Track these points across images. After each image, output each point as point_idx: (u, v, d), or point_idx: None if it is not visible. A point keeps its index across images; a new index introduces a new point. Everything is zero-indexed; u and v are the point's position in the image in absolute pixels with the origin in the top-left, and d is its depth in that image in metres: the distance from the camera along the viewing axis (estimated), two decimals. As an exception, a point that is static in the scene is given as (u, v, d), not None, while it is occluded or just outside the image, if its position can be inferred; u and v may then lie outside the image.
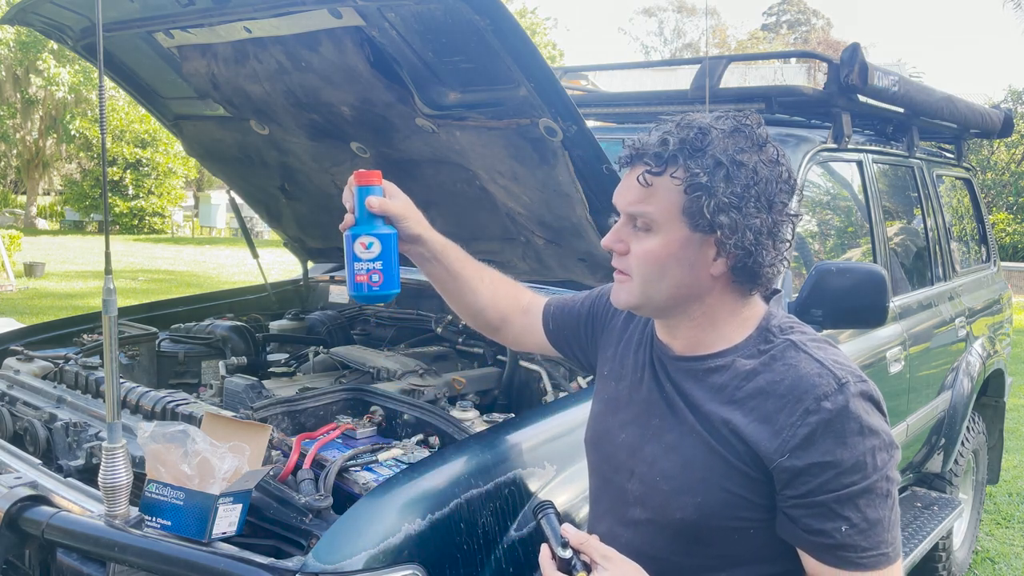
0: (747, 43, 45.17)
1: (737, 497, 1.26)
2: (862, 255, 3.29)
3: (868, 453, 1.20)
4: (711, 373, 1.31)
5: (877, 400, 1.25)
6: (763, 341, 1.30)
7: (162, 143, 26.48)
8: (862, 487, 1.20)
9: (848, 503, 1.20)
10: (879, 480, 1.21)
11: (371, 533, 1.43)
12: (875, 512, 1.21)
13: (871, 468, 1.20)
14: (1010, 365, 4.65)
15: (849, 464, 1.19)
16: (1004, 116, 4.26)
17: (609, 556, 1.23)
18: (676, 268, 1.27)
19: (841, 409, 1.21)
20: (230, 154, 3.03)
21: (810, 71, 16.98)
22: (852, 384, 1.23)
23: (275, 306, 3.45)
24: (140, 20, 2.40)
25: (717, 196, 1.22)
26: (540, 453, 1.75)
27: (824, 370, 1.24)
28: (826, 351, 1.29)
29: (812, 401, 1.21)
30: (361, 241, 1.50)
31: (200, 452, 1.56)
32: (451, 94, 2.16)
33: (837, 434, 1.20)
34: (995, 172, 18.04)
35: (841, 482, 1.19)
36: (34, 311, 10.31)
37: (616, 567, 1.22)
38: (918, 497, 3.62)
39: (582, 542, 1.23)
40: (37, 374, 2.46)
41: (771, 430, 1.23)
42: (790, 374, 1.25)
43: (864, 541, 1.20)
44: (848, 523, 1.20)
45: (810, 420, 1.21)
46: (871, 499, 1.20)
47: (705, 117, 1.30)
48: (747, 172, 1.23)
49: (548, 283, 2.68)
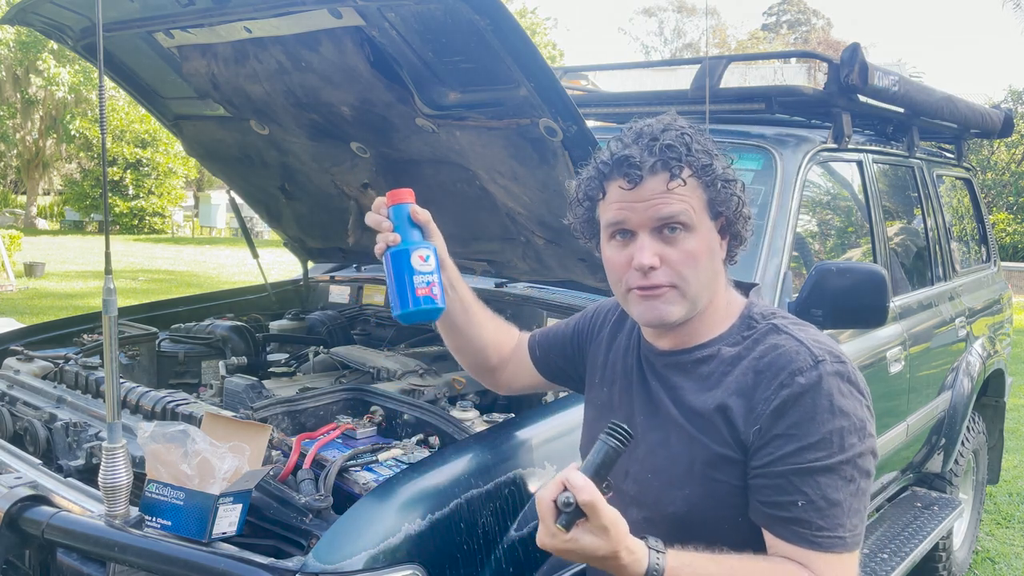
0: (747, 43, 45.16)
1: (723, 485, 1.27)
2: (862, 255, 3.29)
3: (836, 433, 1.20)
4: (699, 364, 1.34)
5: (855, 382, 1.25)
6: (746, 328, 1.34)
7: (162, 143, 26.48)
8: (824, 464, 1.20)
9: (808, 478, 1.20)
10: (844, 463, 1.20)
11: (371, 533, 1.43)
12: (835, 493, 1.19)
13: (836, 448, 1.20)
14: (1010, 365, 4.64)
15: (814, 440, 1.20)
16: (1004, 116, 4.26)
17: (607, 528, 1.11)
18: (709, 260, 1.31)
19: (813, 384, 1.22)
20: (230, 154, 3.02)
21: (810, 71, 16.98)
22: (828, 362, 1.24)
23: (275, 306, 3.45)
24: (140, 20, 2.40)
25: (723, 180, 1.29)
26: (540, 453, 1.75)
27: (802, 347, 1.26)
28: (807, 332, 1.31)
29: (787, 376, 1.24)
30: (419, 254, 1.46)
31: (200, 452, 1.56)
32: (451, 94, 2.16)
33: (806, 408, 1.21)
34: (995, 172, 18.04)
35: (804, 456, 1.20)
36: (34, 311, 10.31)
37: (607, 539, 1.12)
38: (918, 497, 3.62)
39: (588, 503, 1.10)
40: (37, 374, 2.46)
41: (748, 405, 1.25)
42: (770, 353, 1.28)
43: (820, 519, 1.20)
44: (805, 498, 1.20)
45: (782, 393, 1.23)
46: (832, 479, 1.20)
47: (658, 122, 1.35)
48: (719, 156, 1.32)
49: (548, 283, 2.68)
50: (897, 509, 3.46)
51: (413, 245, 1.47)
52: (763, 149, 2.80)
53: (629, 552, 1.14)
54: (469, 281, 2.89)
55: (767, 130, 2.97)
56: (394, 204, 1.51)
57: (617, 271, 1.34)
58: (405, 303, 1.45)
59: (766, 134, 2.90)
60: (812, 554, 1.20)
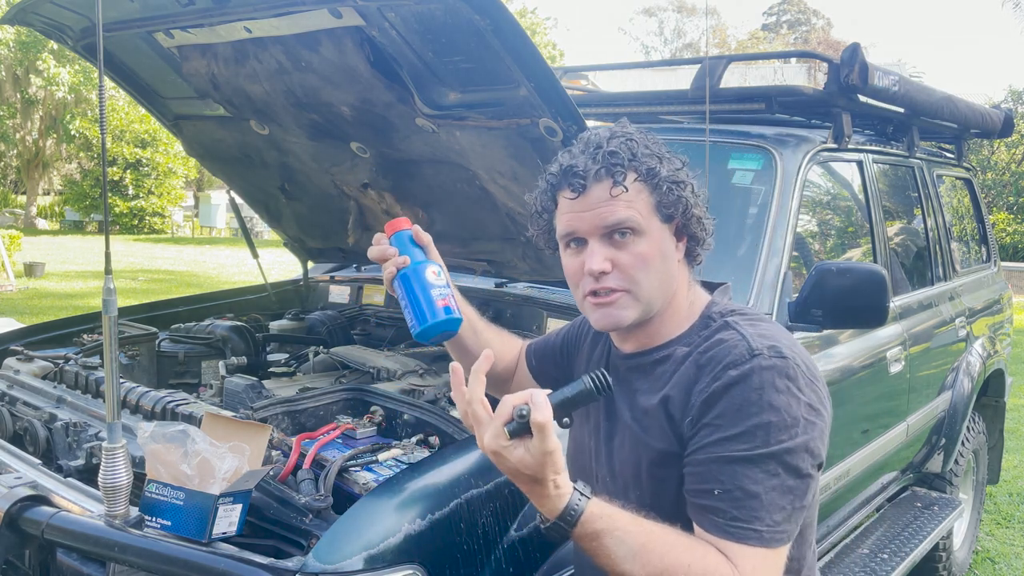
0: (747, 43, 45.16)
1: (669, 483, 1.29)
2: (862, 255, 3.29)
3: (761, 427, 1.19)
4: (656, 365, 1.36)
5: (794, 378, 1.22)
6: (703, 327, 1.35)
7: (162, 143, 26.46)
8: (744, 455, 1.19)
9: (726, 467, 1.19)
10: (767, 456, 1.18)
11: (371, 533, 1.43)
12: (754, 485, 1.18)
13: (760, 441, 1.19)
14: (1010, 365, 4.64)
15: (737, 431, 1.20)
16: (1004, 116, 4.26)
17: (551, 452, 1.12)
18: (661, 263, 1.32)
19: (743, 377, 1.21)
20: (230, 154, 3.02)
21: (810, 71, 16.97)
22: (765, 356, 1.23)
23: (275, 306, 3.45)
24: (140, 20, 2.40)
25: (670, 183, 1.30)
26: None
27: (743, 341, 1.26)
28: (756, 327, 1.30)
29: (721, 368, 1.24)
30: (431, 269, 1.47)
31: (200, 452, 1.56)
32: (451, 94, 2.16)
33: (733, 400, 1.21)
34: (995, 172, 18.04)
35: (726, 446, 1.20)
36: (34, 311, 10.31)
37: (540, 462, 1.12)
38: (918, 497, 3.62)
39: (542, 426, 1.11)
40: (37, 374, 2.46)
41: (685, 397, 1.27)
42: (713, 347, 1.28)
43: (735, 509, 1.19)
44: (722, 487, 1.20)
45: (714, 385, 1.23)
46: (751, 471, 1.18)
47: (606, 130, 1.37)
48: (668, 158, 1.33)
49: (548, 283, 2.68)
50: (897, 509, 3.46)
51: (423, 262, 1.48)
52: (763, 149, 2.80)
53: (555, 486, 1.16)
54: (469, 281, 2.91)
55: (767, 130, 2.97)
56: (395, 232, 1.52)
57: (573, 279, 1.37)
58: (425, 317, 1.44)
59: (766, 134, 2.90)
60: (725, 543, 1.19)
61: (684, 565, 1.16)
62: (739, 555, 1.18)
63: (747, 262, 2.51)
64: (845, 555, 2.98)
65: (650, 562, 1.16)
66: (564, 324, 1.75)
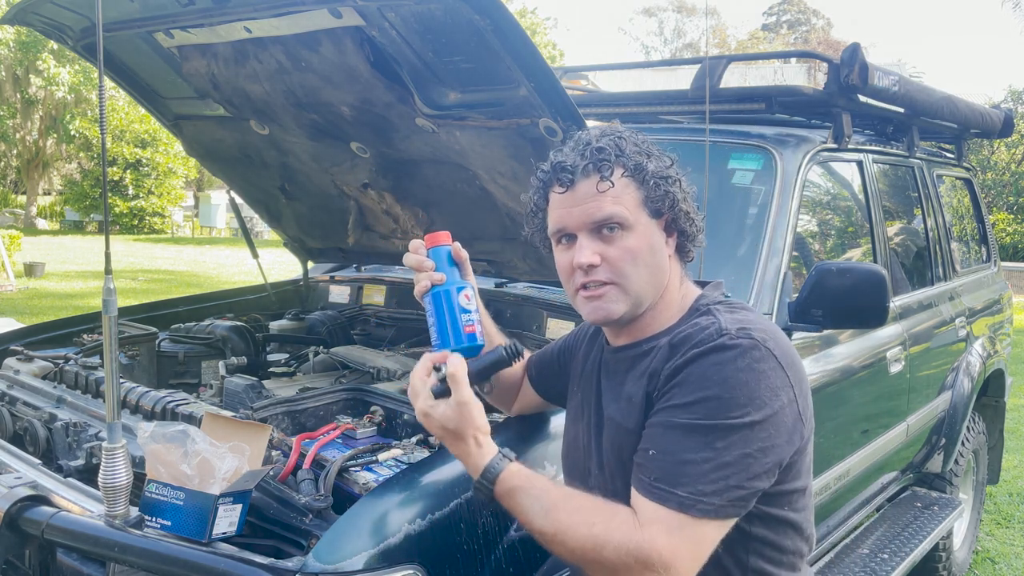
0: (747, 43, 45.15)
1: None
2: (862, 255, 3.29)
3: (711, 400, 1.19)
4: (643, 357, 1.37)
5: (758, 359, 1.21)
6: (689, 319, 1.36)
7: (162, 143, 26.47)
8: (684, 424, 1.20)
9: (668, 432, 1.21)
10: (709, 428, 1.18)
11: (371, 533, 1.43)
12: (687, 454, 1.18)
13: (703, 414, 1.19)
14: (1010, 365, 4.64)
15: (686, 401, 1.21)
16: (1004, 116, 4.26)
17: (465, 402, 1.28)
18: (650, 257, 1.34)
19: (704, 352, 1.23)
20: (230, 154, 3.02)
21: (810, 71, 16.96)
22: (731, 335, 1.24)
23: (275, 306, 3.44)
24: (140, 20, 2.40)
25: (657, 178, 1.33)
26: (540, 453, 1.75)
27: (715, 323, 1.28)
28: (735, 314, 1.32)
29: (690, 347, 1.26)
30: (465, 293, 1.48)
31: (200, 452, 1.56)
32: (451, 94, 2.16)
33: (691, 372, 1.23)
34: (995, 172, 18.04)
35: (673, 413, 1.22)
36: (34, 311, 10.31)
37: (459, 416, 1.28)
38: (918, 497, 3.62)
39: (453, 374, 1.30)
40: (37, 374, 2.46)
41: (655, 375, 1.29)
42: (688, 330, 1.30)
43: (661, 471, 1.19)
44: (657, 448, 1.22)
45: (678, 361, 1.25)
46: (688, 441, 1.18)
47: (596, 129, 1.41)
48: (657, 155, 1.35)
49: (548, 283, 2.68)
50: (897, 509, 3.46)
51: (458, 284, 1.49)
52: (763, 149, 2.80)
53: (477, 443, 1.29)
54: (469, 281, 2.90)
55: (767, 130, 2.97)
56: (434, 246, 1.52)
57: (565, 274, 1.39)
58: (449, 341, 1.45)
59: (766, 134, 2.90)
60: (645, 503, 1.20)
61: (588, 523, 1.20)
62: (651, 515, 1.19)
63: (747, 262, 2.51)
64: (845, 555, 2.98)
65: (559, 519, 1.22)
66: (561, 322, 1.78)
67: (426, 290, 1.47)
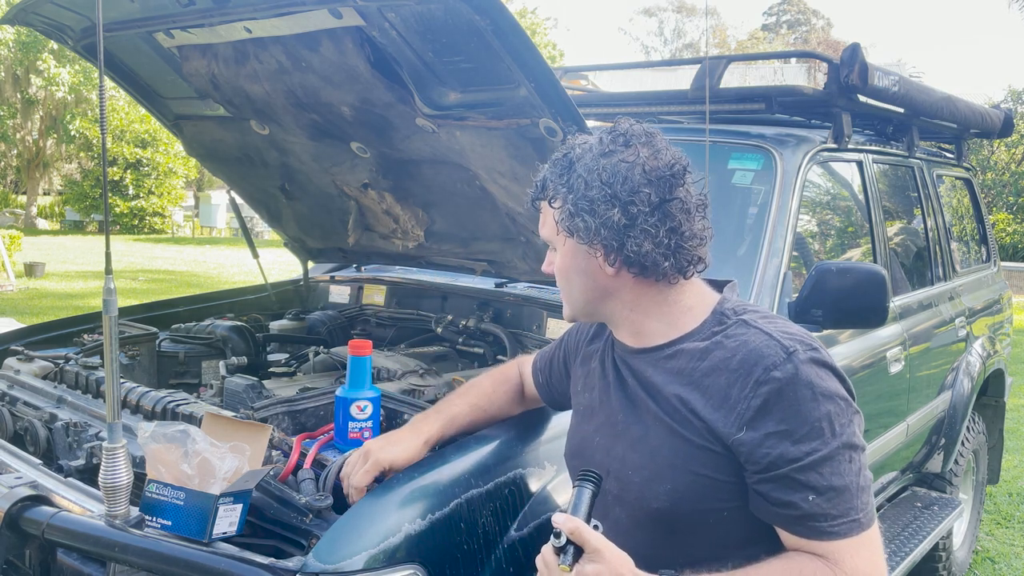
0: (747, 43, 45.14)
1: (705, 479, 1.28)
2: (862, 255, 3.29)
3: (824, 419, 1.21)
4: (670, 359, 1.36)
5: (831, 365, 1.27)
6: (717, 324, 1.35)
7: (162, 143, 26.47)
8: (822, 455, 1.21)
9: (810, 471, 1.21)
10: (840, 446, 1.21)
11: (371, 533, 1.43)
12: (840, 479, 1.21)
13: (829, 434, 1.21)
14: (1010, 365, 4.64)
15: (805, 431, 1.21)
16: (1004, 116, 4.26)
17: (600, 550, 1.19)
18: (577, 276, 1.40)
19: (791, 377, 1.22)
20: (230, 154, 3.02)
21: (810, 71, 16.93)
22: (801, 352, 1.25)
23: (275, 306, 3.44)
24: (140, 20, 2.40)
25: (569, 205, 1.34)
26: (540, 453, 1.75)
27: (772, 341, 1.27)
28: (775, 324, 1.32)
29: (762, 372, 1.24)
30: (358, 404, 1.79)
31: (200, 452, 1.56)
32: (451, 94, 2.16)
33: (790, 402, 1.22)
34: (995, 172, 18.04)
35: (800, 450, 1.21)
36: (34, 311, 10.31)
37: (605, 562, 1.19)
38: (918, 497, 3.62)
39: (574, 530, 1.19)
40: (37, 374, 2.46)
41: (726, 405, 1.26)
42: (741, 349, 1.28)
43: (832, 509, 1.21)
44: (814, 491, 1.21)
45: (761, 391, 1.23)
46: (834, 466, 1.21)
47: (589, 138, 1.41)
48: (594, 176, 1.33)
49: (548, 283, 2.68)
50: (897, 509, 3.46)
51: (354, 396, 1.81)
52: (763, 149, 2.80)
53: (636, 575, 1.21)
54: (469, 281, 2.91)
55: (767, 130, 2.97)
56: (355, 356, 1.84)
57: None
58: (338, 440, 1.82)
59: (766, 134, 2.90)
60: (833, 544, 1.21)
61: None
62: (848, 549, 1.22)
63: (747, 262, 2.51)
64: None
65: None
66: (561, 322, 1.79)
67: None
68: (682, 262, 1.33)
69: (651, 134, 1.36)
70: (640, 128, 1.37)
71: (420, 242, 2.87)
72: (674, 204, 1.31)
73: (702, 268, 1.38)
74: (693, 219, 1.34)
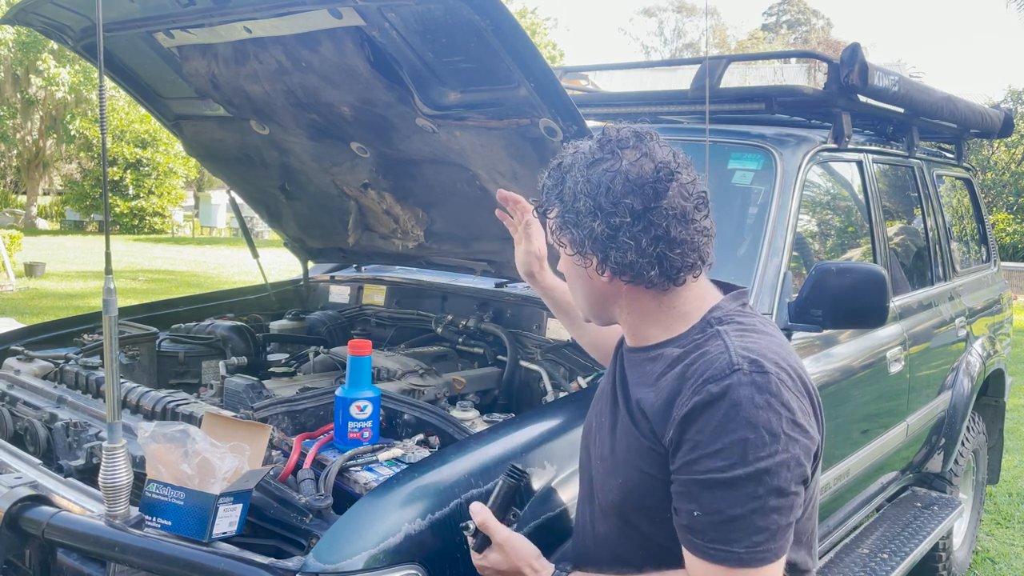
0: (747, 43, 45.14)
1: (649, 476, 1.29)
2: (862, 255, 3.29)
3: (737, 444, 1.17)
4: (648, 362, 1.37)
5: (776, 393, 1.20)
6: (699, 331, 1.34)
7: (162, 143, 26.46)
8: (721, 478, 1.18)
9: (705, 490, 1.19)
10: (745, 478, 1.17)
11: (371, 533, 1.43)
12: (731, 508, 1.17)
13: (738, 460, 1.17)
14: (1010, 365, 4.64)
15: (713, 449, 1.19)
16: (1004, 116, 4.26)
17: (501, 544, 1.37)
18: (578, 282, 1.42)
19: (722, 393, 1.20)
20: (230, 154, 3.02)
21: (810, 71, 16.93)
22: (744, 371, 1.21)
23: (275, 306, 3.45)
24: (140, 20, 2.40)
25: (559, 218, 1.35)
26: (540, 453, 1.75)
27: (725, 355, 1.25)
28: (745, 339, 1.28)
29: (700, 383, 1.23)
30: (358, 404, 1.82)
31: (200, 452, 1.56)
32: (451, 94, 2.16)
33: (711, 417, 1.20)
34: (995, 172, 18.03)
35: (704, 465, 1.19)
36: (34, 311, 10.31)
37: (504, 553, 1.37)
38: (918, 497, 3.62)
39: (482, 523, 1.39)
40: (37, 374, 2.46)
41: (668, 409, 1.26)
42: (699, 359, 1.27)
43: (713, 531, 1.19)
44: (700, 508, 1.20)
45: (693, 400, 1.22)
46: (730, 494, 1.17)
47: (583, 145, 1.39)
48: (580, 186, 1.32)
49: (548, 283, 2.68)
50: (897, 509, 3.46)
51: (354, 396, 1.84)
52: (763, 149, 2.80)
53: (533, 570, 1.36)
54: (469, 281, 2.91)
55: (767, 130, 2.97)
56: (354, 356, 1.86)
57: None
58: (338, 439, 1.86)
59: (766, 134, 2.90)
60: (700, 562, 1.21)
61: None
62: (706, 573, 1.20)
63: (747, 262, 2.51)
64: (845, 555, 2.98)
65: None
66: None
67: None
68: (670, 270, 1.30)
69: (642, 136, 1.33)
70: (630, 132, 1.33)
71: (420, 242, 2.87)
72: (658, 212, 1.27)
73: (699, 272, 1.35)
74: (688, 222, 1.29)
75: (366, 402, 1.82)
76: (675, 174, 1.29)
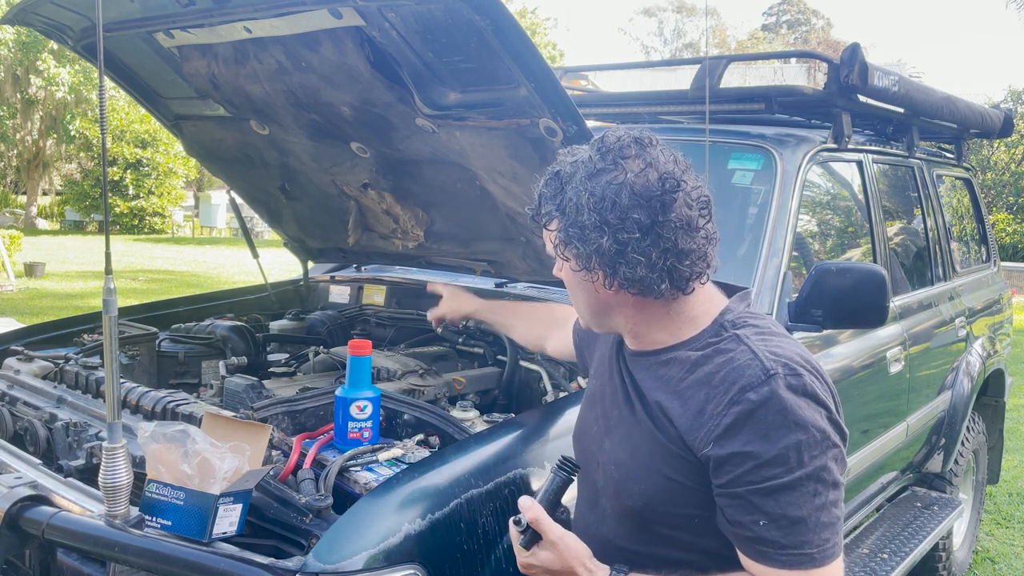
0: (747, 43, 45.15)
1: (676, 484, 1.28)
2: (862, 255, 3.29)
3: (792, 448, 1.18)
4: (662, 366, 1.35)
5: (812, 394, 1.22)
6: (714, 335, 1.33)
7: (162, 143, 26.47)
8: (783, 482, 1.18)
9: (767, 497, 1.19)
10: (804, 478, 1.18)
11: (371, 533, 1.43)
12: (797, 511, 1.18)
13: (795, 463, 1.18)
14: (1010, 365, 4.64)
15: (769, 457, 1.19)
16: (1004, 116, 4.26)
17: (555, 542, 1.30)
18: (580, 291, 1.39)
19: (764, 400, 1.20)
20: (230, 154, 3.02)
21: (810, 71, 16.94)
22: (780, 376, 1.22)
23: (275, 306, 3.44)
24: (140, 20, 2.40)
25: (561, 232, 1.32)
26: (540, 453, 1.75)
27: (755, 360, 1.24)
28: (768, 342, 1.28)
29: (737, 391, 1.22)
30: (358, 404, 1.82)
31: (200, 452, 1.56)
32: (451, 94, 2.16)
33: (758, 425, 1.20)
34: (995, 172, 18.04)
35: (761, 474, 1.19)
36: (34, 311, 10.31)
37: (557, 552, 1.30)
38: (918, 497, 3.62)
39: (534, 519, 1.31)
40: (37, 374, 2.46)
41: (700, 419, 1.25)
42: (726, 366, 1.27)
43: (783, 538, 1.19)
44: (767, 517, 1.19)
45: (733, 410, 1.22)
46: (793, 496, 1.18)
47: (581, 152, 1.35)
48: (583, 199, 1.28)
49: (548, 283, 2.68)
50: (897, 509, 3.46)
51: (354, 396, 1.85)
52: (763, 149, 2.80)
53: (588, 571, 1.30)
54: (469, 281, 2.91)
55: (767, 130, 2.97)
56: (354, 356, 1.87)
57: None
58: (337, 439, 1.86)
59: (766, 134, 2.90)
60: (778, 572, 1.20)
61: None
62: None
63: (747, 262, 2.51)
64: (845, 555, 2.95)
65: None
66: None
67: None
68: (680, 281, 1.30)
69: (643, 143, 1.30)
70: (630, 138, 1.30)
71: (420, 242, 2.87)
72: (667, 226, 1.26)
73: (706, 278, 1.34)
74: (694, 230, 1.28)
75: (366, 402, 1.82)
76: (680, 183, 1.27)
